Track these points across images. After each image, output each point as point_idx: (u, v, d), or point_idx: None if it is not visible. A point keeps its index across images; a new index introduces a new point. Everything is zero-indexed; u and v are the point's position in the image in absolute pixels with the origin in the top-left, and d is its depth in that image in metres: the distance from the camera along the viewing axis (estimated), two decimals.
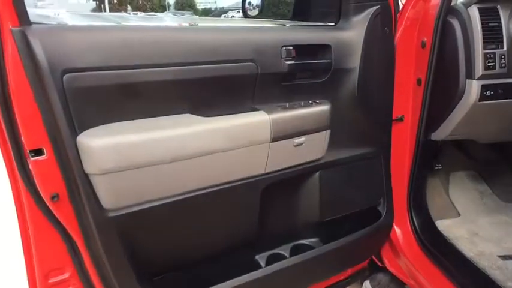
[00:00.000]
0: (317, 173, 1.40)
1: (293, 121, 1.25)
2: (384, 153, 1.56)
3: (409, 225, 1.73)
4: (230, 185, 1.20)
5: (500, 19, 1.40)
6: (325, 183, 1.41)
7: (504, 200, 1.94)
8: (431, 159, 1.77)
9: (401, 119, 1.67)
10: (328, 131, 1.34)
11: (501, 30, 1.40)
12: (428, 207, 1.79)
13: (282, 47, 1.24)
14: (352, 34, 1.36)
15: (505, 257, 1.57)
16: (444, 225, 1.78)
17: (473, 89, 1.41)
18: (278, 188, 1.33)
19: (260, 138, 1.20)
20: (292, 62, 1.26)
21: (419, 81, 1.60)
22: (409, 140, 1.68)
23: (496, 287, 1.42)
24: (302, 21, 1.54)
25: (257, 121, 1.19)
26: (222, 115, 1.19)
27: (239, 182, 1.22)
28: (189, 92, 1.14)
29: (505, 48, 1.39)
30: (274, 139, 1.21)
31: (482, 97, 1.42)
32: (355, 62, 1.36)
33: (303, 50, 1.28)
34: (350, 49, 1.35)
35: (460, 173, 2.03)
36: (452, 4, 1.46)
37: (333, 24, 1.42)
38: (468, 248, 1.63)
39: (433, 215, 1.79)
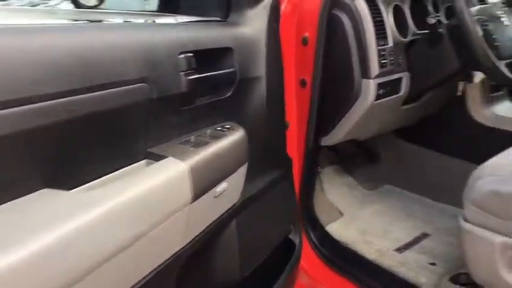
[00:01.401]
0: (234, 221, 1.05)
1: (213, 162, 0.85)
2: (288, 172, 1.32)
3: (306, 240, 1.57)
4: None
5: (381, 13, 1.33)
6: (243, 231, 1.07)
7: (367, 188, 2.01)
8: (317, 164, 1.65)
9: (286, 127, 1.47)
10: (246, 164, 1.00)
11: (384, 24, 1.33)
12: (318, 215, 1.67)
13: (180, 54, 0.82)
14: (251, 32, 1.04)
15: (400, 250, 1.59)
16: (334, 229, 1.69)
17: (370, 88, 1.31)
18: (195, 258, 0.92)
19: (177, 202, 0.76)
20: (194, 76, 0.85)
21: (303, 83, 1.41)
22: (296, 149, 1.48)
23: (410, 285, 1.40)
24: (171, 14, 1.12)
25: (171, 177, 0.74)
26: (104, 177, 0.70)
27: (146, 279, 0.75)
28: (44, 149, 0.61)
29: (391, 44, 1.33)
30: (196, 196, 0.80)
31: (378, 96, 1.34)
32: (260, 68, 1.05)
33: (203, 57, 0.88)
34: (253, 52, 1.03)
35: (327, 170, 2.00)
36: None
37: (221, 19, 1.06)
38: (366, 250, 1.58)
39: (323, 221, 1.69)
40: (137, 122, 0.76)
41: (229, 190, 0.93)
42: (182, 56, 0.82)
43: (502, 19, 1.32)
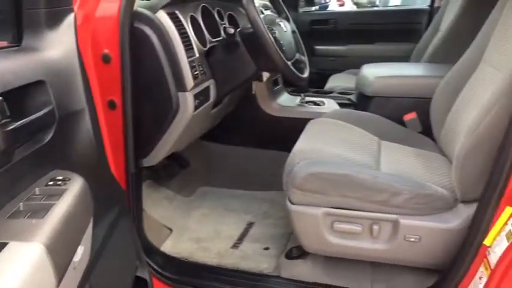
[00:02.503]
0: (87, 284, 0.86)
1: (67, 229, 0.67)
2: (123, 206, 1.18)
3: (150, 269, 1.46)
4: None
5: (184, 25, 1.32)
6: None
7: (185, 195, 2.02)
8: (141, 187, 1.52)
9: None
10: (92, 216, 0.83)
11: (189, 36, 1.32)
12: (150, 239, 1.56)
13: None
14: (60, 56, 0.85)
15: (236, 246, 1.67)
16: (169, 248, 1.64)
17: (188, 101, 1.29)
18: None
19: None
20: (12, 126, 0.64)
21: (112, 104, 1.27)
22: (117, 176, 1.34)
23: (255, 274, 1.49)
24: None
25: (26, 267, 0.54)
26: None
27: None
28: None
29: (197, 55, 1.34)
30: (59, 280, 0.61)
31: (195, 107, 1.34)
32: (79, 99, 0.88)
33: (13, 98, 0.67)
34: (68, 81, 0.85)
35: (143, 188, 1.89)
36: (135, 9, 1.22)
37: (13, 44, 0.82)
38: (206, 257, 1.60)
39: (156, 244, 1.60)
40: None
41: (85, 253, 0.76)
42: None
43: (282, 26, 1.53)
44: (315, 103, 2.00)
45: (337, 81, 2.53)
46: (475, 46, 1.48)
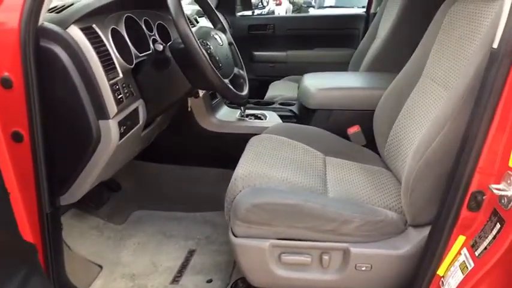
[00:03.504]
0: None
1: None
2: (33, 260, 0.98)
3: None
4: None
5: (103, 41, 1.13)
6: None
7: (118, 222, 1.82)
8: (60, 226, 1.31)
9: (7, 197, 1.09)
10: None
11: (110, 54, 1.14)
12: (75, 283, 1.36)
13: None
14: None
15: (176, 280, 1.52)
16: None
17: (111, 130, 1.11)
18: None
19: None
20: None
21: (17, 136, 1.07)
22: (27, 220, 1.14)
23: None
24: None
25: None
26: None
27: None
28: None
29: (121, 76, 1.16)
30: None
31: (121, 135, 1.17)
32: None
33: None
34: None
35: (64, 220, 1.66)
36: (41, 24, 1.01)
37: None
38: None
39: (83, 286, 1.40)
40: None
41: None
42: None
43: (217, 39, 1.39)
44: (256, 116, 1.89)
45: (277, 90, 2.45)
46: (415, 59, 1.46)
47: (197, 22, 1.90)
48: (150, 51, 1.37)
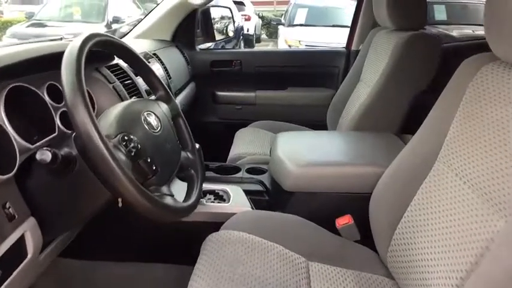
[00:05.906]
0: None
1: None
2: None
3: None
4: None
5: None
6: None
7: None
8: None
9: None
10: None
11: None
12: None
13: None
14: None
15: None
16: None
17: None
18: None
19: None
20: None
21: None
22: None
23: None
24: None
25: None
26: None
27: None
28: None
29: None
30: None
31: None
32: None
33: None
34: None
35: None
36: None
37: None
38: None
39: None
40: None
41: None
42: None
43: (151, 122, 0.94)
44: (217, 195, 1.46)
45: (244, 143, 2.02)
46: (425, 135, 1.10)
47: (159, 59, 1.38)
48: (55, 134, 0.94)
